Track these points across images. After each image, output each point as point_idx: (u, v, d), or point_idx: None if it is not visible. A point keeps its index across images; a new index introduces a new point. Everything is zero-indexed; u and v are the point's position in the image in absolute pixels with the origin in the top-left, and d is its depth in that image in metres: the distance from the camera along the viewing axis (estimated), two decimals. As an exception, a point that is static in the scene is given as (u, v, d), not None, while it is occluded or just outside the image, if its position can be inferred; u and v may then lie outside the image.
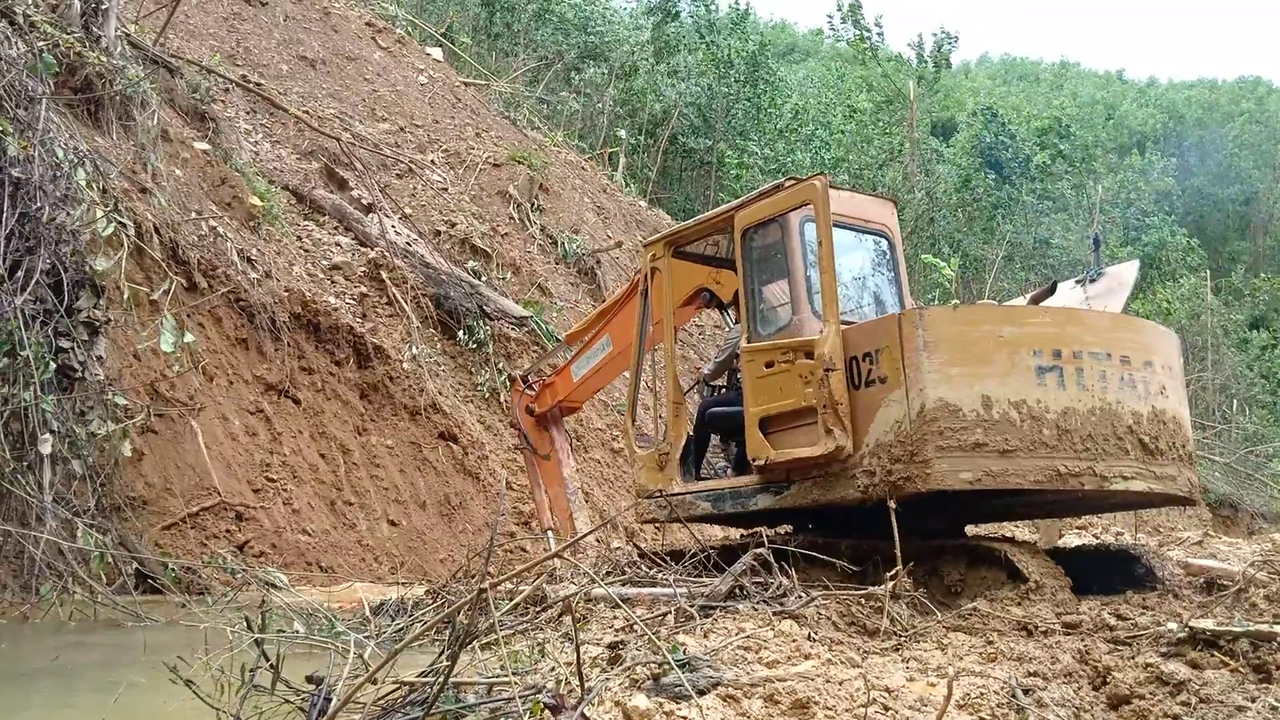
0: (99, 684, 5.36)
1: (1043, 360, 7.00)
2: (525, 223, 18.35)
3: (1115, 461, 6.90)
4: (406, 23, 24.72)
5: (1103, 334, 7.20)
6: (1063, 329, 7.17)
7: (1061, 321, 7.30)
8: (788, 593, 5.70)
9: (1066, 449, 6.87)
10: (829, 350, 7.24)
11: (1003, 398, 6.93)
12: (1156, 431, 7.09)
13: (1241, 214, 61.84)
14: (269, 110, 16.03)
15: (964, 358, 7.04)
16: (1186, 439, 7.35)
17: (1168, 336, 7.72)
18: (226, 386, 10.58)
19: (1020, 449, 6.85)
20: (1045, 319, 7.31)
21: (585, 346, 9.71)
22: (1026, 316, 7.40)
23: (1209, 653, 4.38)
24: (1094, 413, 6.95)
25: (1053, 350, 7.04)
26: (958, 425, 6.88)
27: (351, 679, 3.84)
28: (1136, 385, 7.09)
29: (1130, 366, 7.11)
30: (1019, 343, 7.03)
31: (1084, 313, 7.87)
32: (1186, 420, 7.47)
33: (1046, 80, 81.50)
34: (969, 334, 7.14)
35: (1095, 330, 7.23)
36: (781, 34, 76.15)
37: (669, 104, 33.55)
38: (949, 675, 3.90)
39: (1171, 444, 7.17)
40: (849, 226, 8.23)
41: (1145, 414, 7.07)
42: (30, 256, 8.29)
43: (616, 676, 3.90)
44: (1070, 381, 7.01)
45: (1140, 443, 7.03)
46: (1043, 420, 6.88)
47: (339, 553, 10.40)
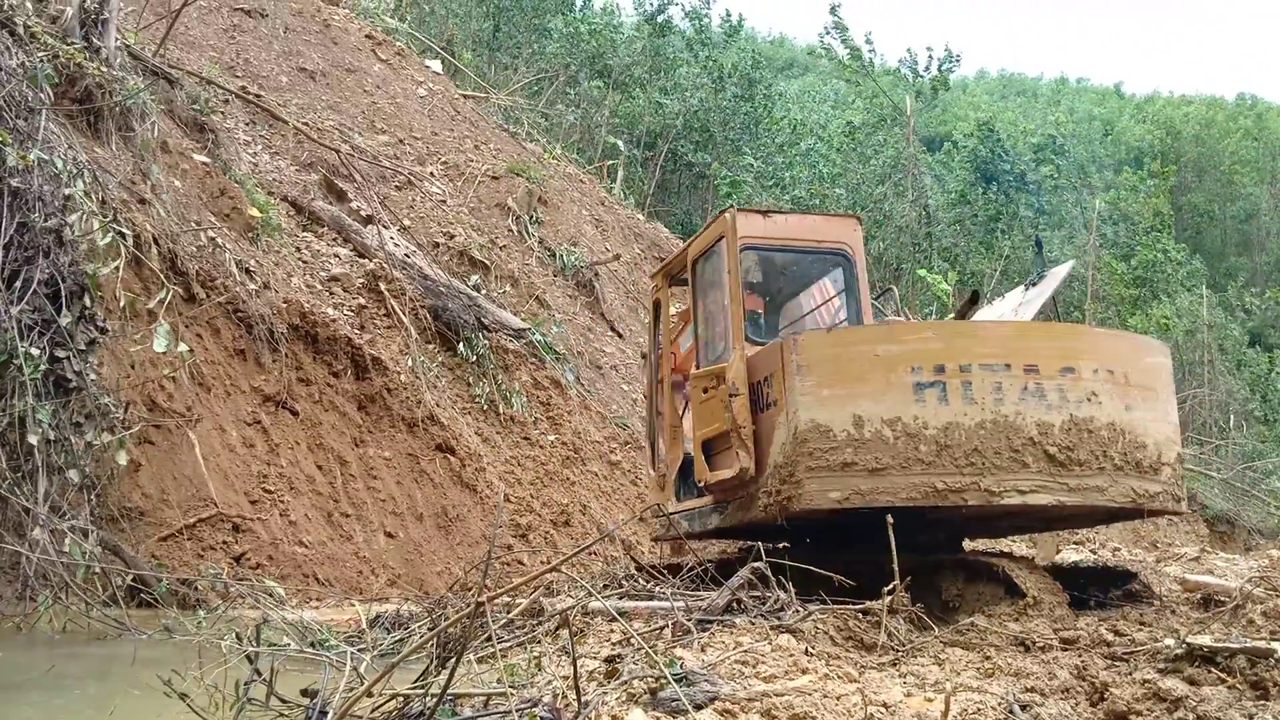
0: (93, 696, 5.34)
1: (922, 376, 6.98)
2: (524, 235, 18.37)
3: (1009, 475, 6.76)
4: (406, 35, 24.79)
5: (1001, 344, 7.09)
6: (949, 343, 7.12)
7: (947, 336, 7.27)
8: (785, 607, 5.70)
9: (947, 464, 6.81)
10: (733, 376, 7.50)
11: (876, 416, 6.95)
12: (1073, 441, 6.85)
13: (1242, 230, 62.00)
14: (268, 121, 16.06)
15: (837, 379, 7.12)
16: (1137, 446, 6.98)
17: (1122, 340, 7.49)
18: (224, 397, 10.57)
19: (892, 467, 6.86)
20: (928, 334, 7.27)
21: (683, 326, 9.88)
22: (906, 334, 7.35)
23: (1206, 669, 4.37)
24: (983, 426, 6.85)
25: (934, 365, 7.00)
26: (827, 446, 6.97)
27: (347, 692, 3.82)
28: (1047, 394, 6.90)
29: (1039, 375, 6.91)
30: (896, 361, 7.04)
31: (980, 324, 7.92)
32: (1148, 427, 7.05)
33: (1044, 96, 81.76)
34: (843, 355, 7.22)
35: (990, 341, 7.14)
36: (780, 49, 76.40)
37: (667, 117, 33.64)
38: (946, 690, 3.90)
39: (1104, 454, 6.87)
40: (800, 250, 8.41)
41: (1058, 424, 6.86)
42: (28, 266, 8.28)
43: (613, 690, 3.89)
44: (955, 396, 6.94)
45: (1047, 454, 6.82)
46: (920, 437, 6.86)
47: (336, 564, 10.38)
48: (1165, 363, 7.41)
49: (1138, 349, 7.35)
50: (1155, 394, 7.16)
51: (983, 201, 31.77)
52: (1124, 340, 7.46)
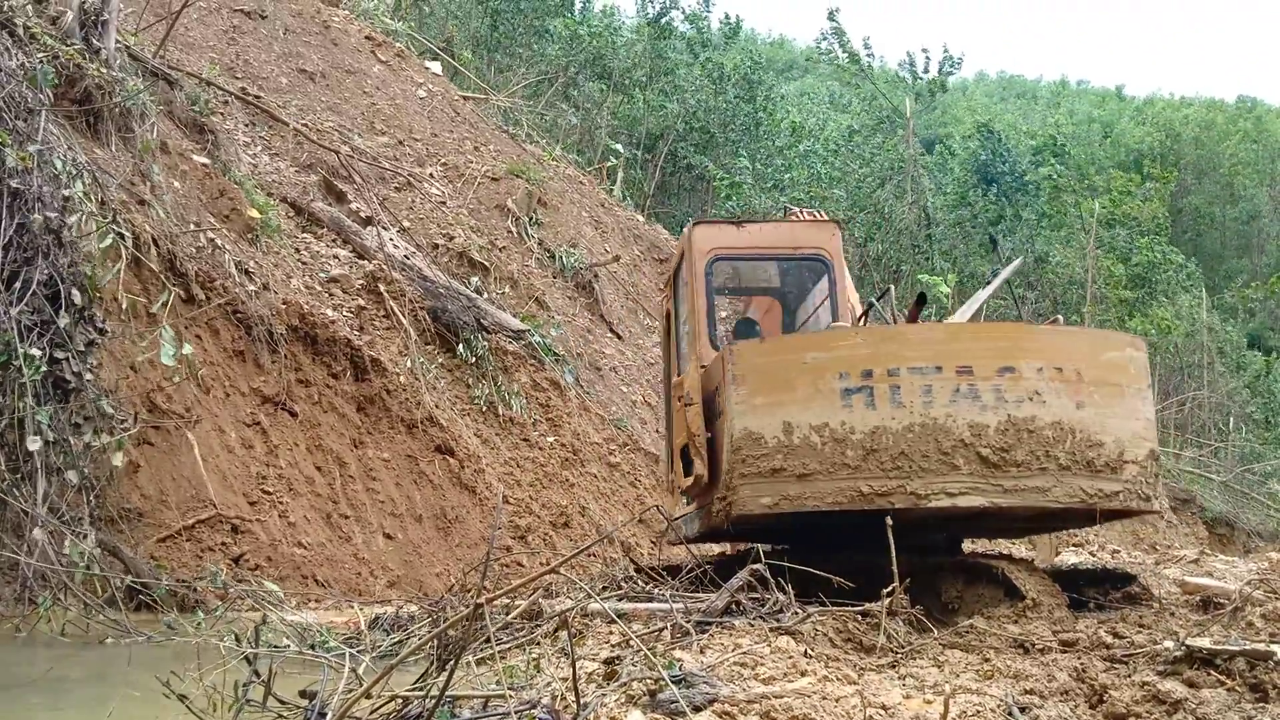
0: (92, 697, 5.34)
1: (850, 382, 7.01)
2: (523, 236, 18.37)
3: (937, 478, 6.74)
4: (406, 37, 24.79)
5: (932, 347, 7.07)
6: (876, 349, 7.13)
7: (875, 341, 7.27)
8: (784, 609, 5.70)
9: (873, 468, 6.85)
10: (688, 386, 7.76)
11: (804, 423, 7.03)
12: (1010, 442, 6.78)
13: (1242, 233, 62.03)
14: (268, 123, 16.06)
15: (768, 387, 7.23)
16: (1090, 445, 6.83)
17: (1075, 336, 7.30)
18: (223, 398, 10.57)
19: (819, 472, 6.93)
20: (856, 341, 7.28)
21: None
22: (835, 340, 7.39)
23: (1206, 671, 4.37)
24: (911, 429, 6.85)
25: (862, 371, 7.03)
26: (759, 453, 7.09)
27: (346, 694, 3.82)
28: (981, 396, 6.84)
29: (973, 377, 6.86)
30: (824, 367, 7.11)
31: (910, 328, 7.88)
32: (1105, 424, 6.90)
33: (1044, 98, 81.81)
34: (774, 364, 7.33)
35: (920, 345, 7.12)
36: (780, 50, 76.44)
37: (667, 119, 33.65)
38: (945, 693, 3.89)
39: (1046, 454, 6.77)
40: (775, 257, 8.60)
41: (993, 425, 6.80)
42: (28, 267, 8.28)
43: (612, 692, 3.89)
44: (882, 400, 6.95)
45: (979, 456, 6.77)
46: (846, 442, 6.91)
47: (335, 566, 10.37)
48: (1135, 356, 7.14)
49: (1094, 344, 7.18)
50: (1119, 390, 6.95)
51: (983, 204, 31.78)
52: (1077, 336, 7.32)
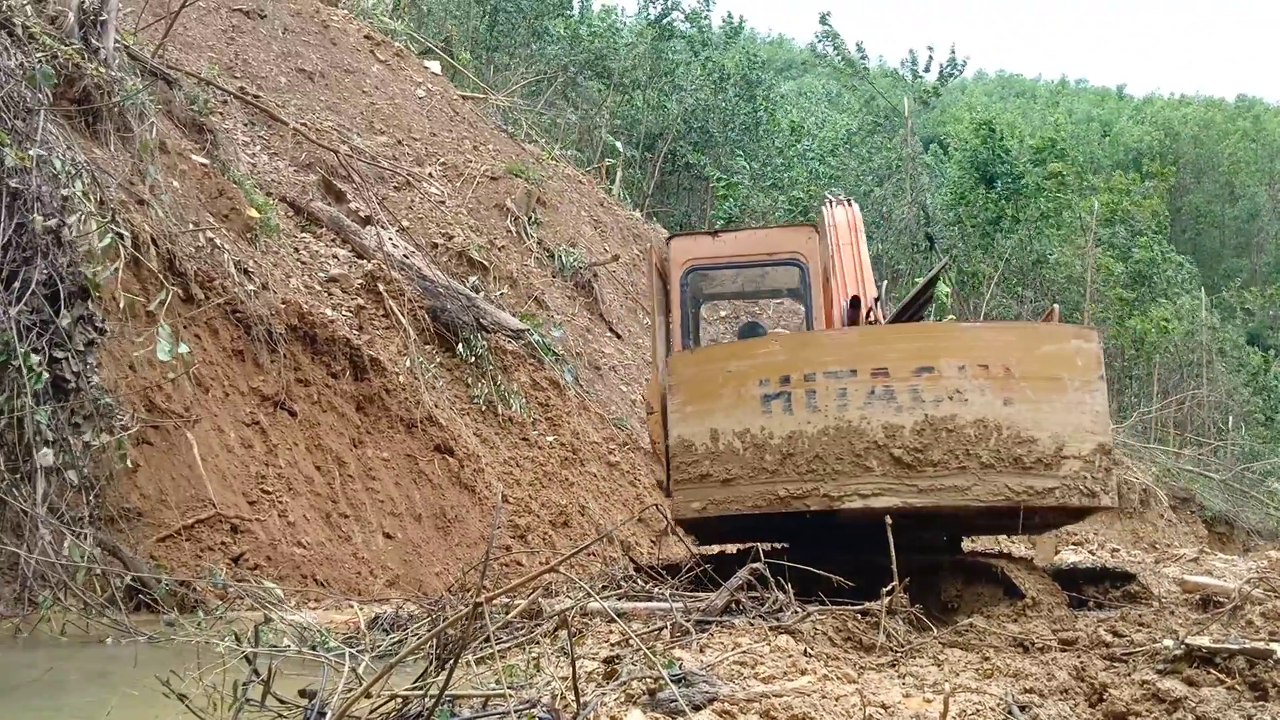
0: (92, 698, 5.34)
1: (769, 388, 7.14)
2: (522, 236, 18.37)
3: (850, 480, 6.80)
4: (405, 36, 24.78)
5: (845, 350, 7.13)
6: (793, 354, 7.25)
7: (793, 347, 7.40)
8: (784, 608, 5.70)
9: (790, 472, 6.96)
10: (647, 394, 8.10)
11: (728, 429, 7.24)
12: (926, 442, 6.79)
13: (1242, 232, 62.08)
14: (267, 122, 16.05)
15: (698, 395, 7.52)
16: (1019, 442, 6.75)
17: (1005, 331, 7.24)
18: (222, 398, 10.56)
19: (741, 476, 7.12)
20: (775, 347, 7.42)
21: None
22: (755, 348, 7.56)
23: (1205, 670, 4.37)
24: (826, 433, 6.93)
25: (780, 377, 7.15)
26: (690, 459, 7.38)
27: (345, 693, 3.82)
28: (897, 397, 6.87)
29: (889, 378, 6.89)
30: (746, 375, 7.27)
31: (827, 333, 8.04)
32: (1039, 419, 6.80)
33: (1043, 97, 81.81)
34: (702, 373, 7.59)
35: (836, 348, 7.19)
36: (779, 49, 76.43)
37: (667, 118, 33.65)
38: (945, 691, 3.90)
39: (966, 452, 6.74)
40: (751, 264, 8.73)
41: (909, 425, 6.81)
42: (26, 267, 8.28)
43: (612, 691, 3.89)
44: (799, 405, 7.05)
45: (893, 457, 6.80)
46: (766, 447, 7.06)
47: (334, 565, 10.37)
48: (1084, 348, 6.99)
49: (1028, 339, 7.11)
50: (1059, 383, 6.84)
51: (983, 203, 31.78)
52: (1008, 331, 7.25)
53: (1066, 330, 7.22)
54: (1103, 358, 6.91)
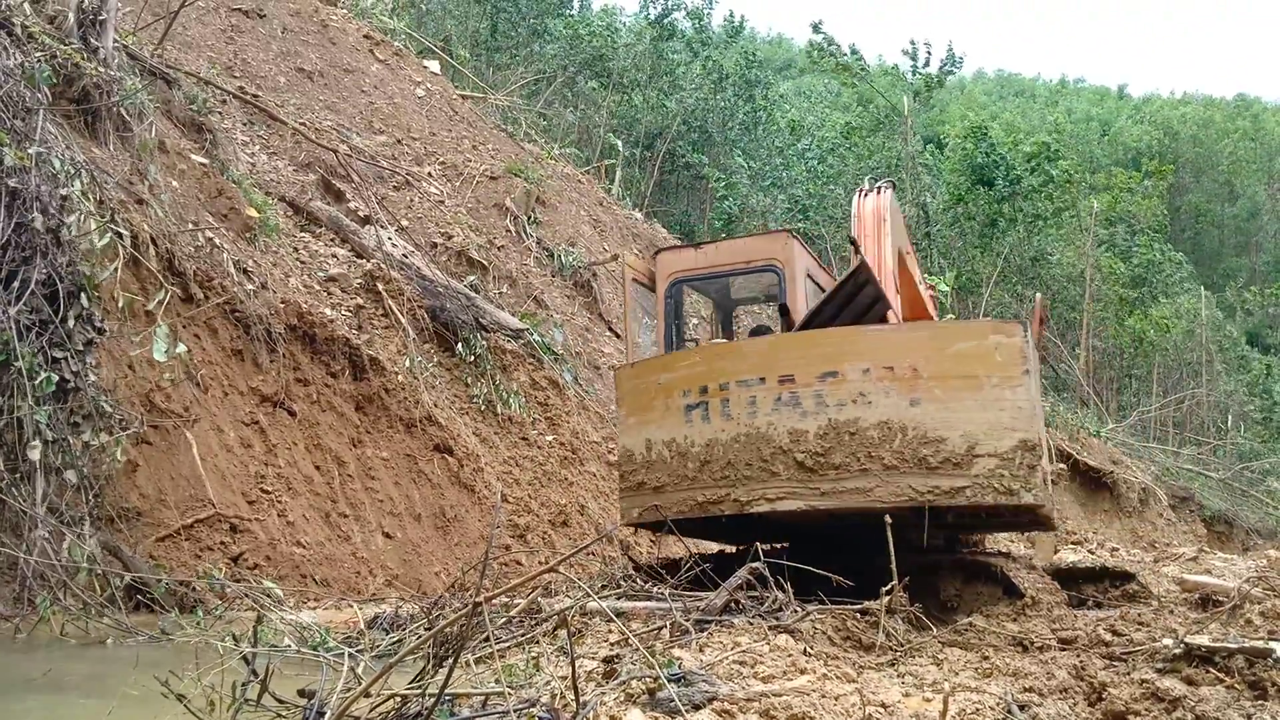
0: (91, 698, 5.34)
1: (690, 399, 7.46)
2: (522, 235, 18.37)
3: (758, 485, 6.99)
4: (404, 36, 24.78)
5: (755, 359, 7.33)
6: (710, 365, 7.50)
7: (710, 358, 7.63)
8: (783, 607, 5.70)
9: (707, 479, 7.25)
10: None
11: (659, 439, 7.63)
12: (829, 446, 6.88)
13: (1242, 230, 62.10)
14: (266, 122, 16.04)
15: (636, 407, 7.92)
16: (926, 442, 6.74)
17: (914, 332, 7.20)
18: (221, 398, 10.56)
19: (669, 484, 7.49)
20: (695, 359, 7.69)
21: None
22: (678, 361, 7.85)
23: (1204, 669, 4.38)
24: (738, 440, 7.14)
25: (699, 387, 7.44)
26: (630, 468, 7.81)
27: (344, 693, 3.82)
28: (802, 403, 6.98)
29: (794, 385, 7.01)
30: (672, 386, 7.61)
31: (740, 343, 8.34)
32: (949, 418, 6.76)
33: (1042, 96, 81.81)
34: (639, 386, 7.97)
35: (747, 358, 7.40)
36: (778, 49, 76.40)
37: (666, 118, 33.65)
38: (945, 691, 3.90)
39: (869, 454, 6.79)
40: (731, 273, 8.96)
41: (813, 430, 6.92)
42: (26, 266, 8.27)
43: (611, 691, 3.89)
44: (715, 414, 7.32)
45: (797, 462, 6.93)
46: (688, 455, 7.39)
47: (333, 565, 10.37)
48: (1004, 343, 6.83)
49: (939, 338, 7.05)
50: (974, 381, 6.78)
51: (983, 203, 31.77)
52: (916, 332, 7.17)
53: (984, 327, 7.12)
54: (1029, 351, 6.74)
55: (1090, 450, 25.97)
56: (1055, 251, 34.40)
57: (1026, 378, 6.71)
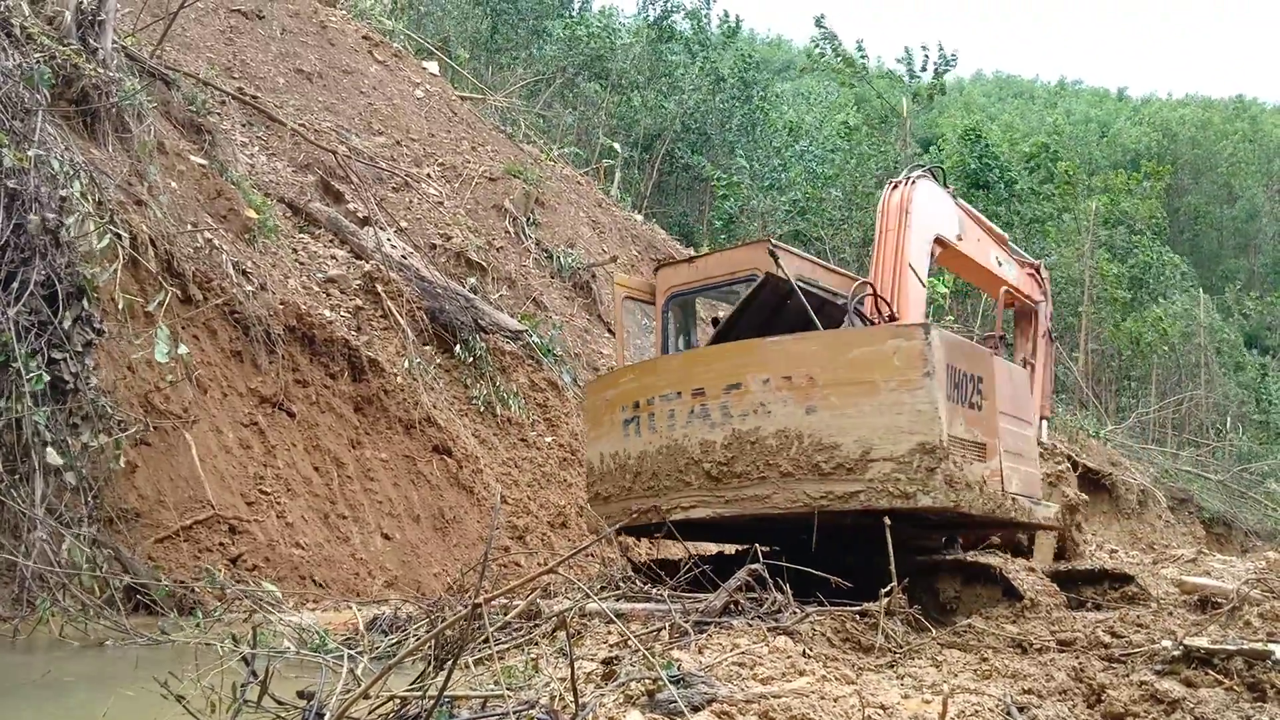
0: (89, 699, 5.34)
1: (627, 414, 7.87)
2: (521, 237, 18.36)
3: (675, 494, 7.34)
4: (404, 37, 24.77)
5: (674, 374, 7.68)
6: (640, 380, 7.91)
7: (640, 374, 8.07)
8: (782, 609, 5.70)
9: (638, 489, 7.66)
10: None
11: (607, 453, 8.03)
12: (732, 455, 7.07)
13: (1240, 232, 62.13)
14: (265, 123, 16.04)
15: (594, 421, 8.39)
16: (820, 448, 6.83)
17: (808, 342, 7.21)
18: (220, 399, 10.56)
19: (614, 494, 7.92)
20: (630, 376, 8.11)
21: None
22: (619, 378, 8.25)
23: (1204, 671, 4.38)
24: (661, 451, 7.53)
25: (633, 403, 7.83)
26: (591, 479, 8.29)
27: (344, 694, 3.82)
28: (711, 414, 7.23)
29: (705, 397, 7.28)
30: (615, 402, 8.00)
31: (662, 359, 8.71)
32: (843, 424, 6.81)
33: (1041, 98, 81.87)
34: (595, 402, 8.43)
35: (668, 373, 7.78)
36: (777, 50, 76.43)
37: (665, 119, 33.65)
38: (944, 693, 3.90)
39: (767, 463, 6.94)
40: (719, 284, 9.12)
41: (719, 441, 7.15)
42: (25, 268, 8.27)
43: (611, 692, 3.89)
44: (644, 427, 7.72)
45: (705, 471, 7.19)
46: (626, 467, 7.80)
47: (332, 566, 10.36)
48: (904, 347, 6.81)
49: (834, 346, 7.08)
50: (870, 387, 6.79)
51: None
52: (811, 341, 7.18)
53: (881, 332, 7.12)
54: (931, 354, 6.69)
55: (1089, 452, 25.97)
56: (1053, 253, 34.38)
57: (927, 380, 6.67)
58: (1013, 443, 7.57)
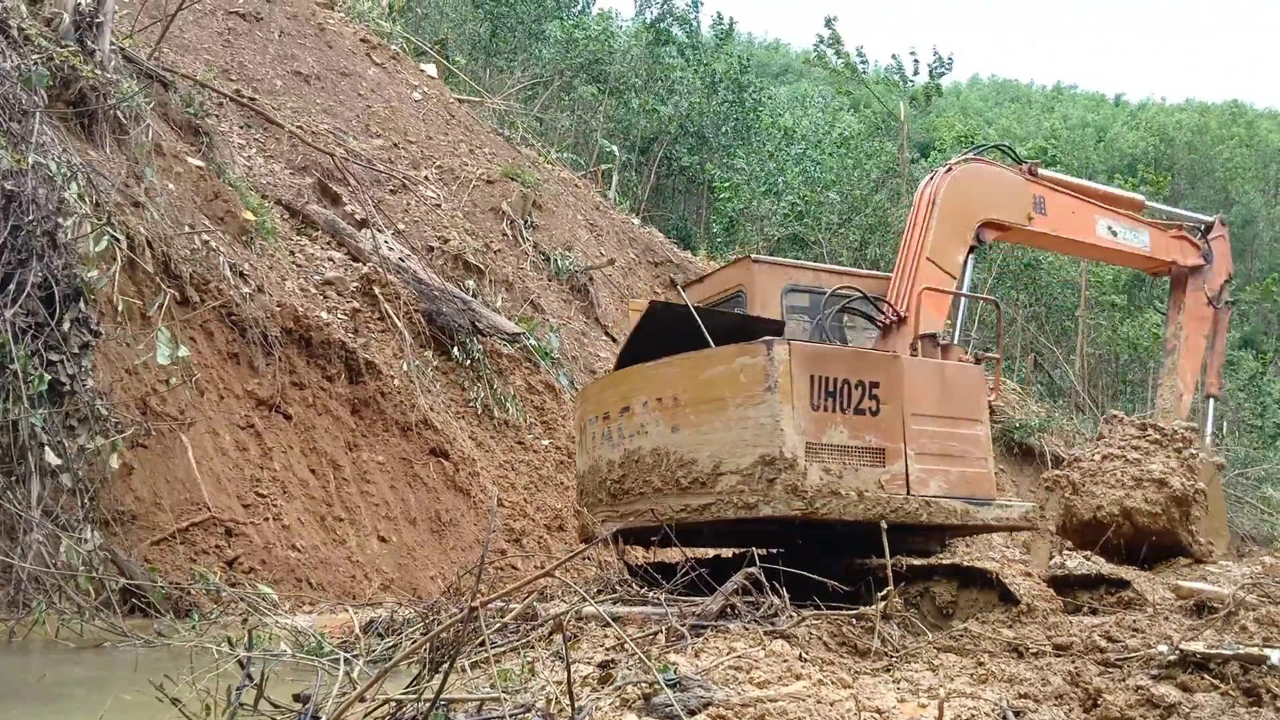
0: (86, 702, 5.33)
1: (577, 433, 8.60)
2: (518, 239, 18.36)
3: (596, 509, 7.99)
4: (401, 39, 24.77)
5: (595, 398, 8.30)
6: (581, 403, 8.60)
7: (582, 398, 8.69)
8: (779, 612, 5.70)
9: (582, 504, 8.39)
10: None
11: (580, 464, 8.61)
12: (625, 473, 7.66)
13: (1238, 236, 62.18)
14: (263, 125, 16.04)
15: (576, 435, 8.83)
16: (681, 465, 7.21)
17: (673, 365, 7.53)
18: (217, 401, 10.55)
19: (578, 508, 8.62)
20: (581, 398, 8.73)
21: None
22: (580, 396, 8.82)
23: (1199, 675, 4.38)
24: (590, 470, 8.20)
25: (579, 424, 8.51)
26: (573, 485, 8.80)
27: (340, 697, 3.82)
28: (612, 435, 7.83)
29: (610, 421, 7.90)
30: (578, 419, 8.68)
31: (593, 381, 9.22)
32: (699, 442, 7.18)
33: (1038, 102, 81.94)
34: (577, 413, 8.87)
35: (592, 396, 8.38)
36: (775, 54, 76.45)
37: (661, 122, 33.64)
38: (940, 696, 3.90)
39: (645, 480, 7.45)
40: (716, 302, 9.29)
41: (618, 460, 7.76)
42: (22, 269, 8.27)
43: (607, 696, 3.89)
44: (583, 448, 8.41)
45: (609, 489, 7.84)
46: (582, 479, 8.44)
47: (329, 569, 10.35)
48: (749, 364, 7.08)
49: (691, 367, 7.41)
50: (720, 404, 7.14)
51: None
52: (675, 364, 7.52)
53: (731, 351, 7.29)
54: (773, 369, 6.93)
55: (1085, 456, 25.94)
56: (1050, 256, 34.37)
57: (769, 395, 6.91)
58: (937, 444, 7.48)
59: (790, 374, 6.91)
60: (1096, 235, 9.99)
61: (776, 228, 30.35)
